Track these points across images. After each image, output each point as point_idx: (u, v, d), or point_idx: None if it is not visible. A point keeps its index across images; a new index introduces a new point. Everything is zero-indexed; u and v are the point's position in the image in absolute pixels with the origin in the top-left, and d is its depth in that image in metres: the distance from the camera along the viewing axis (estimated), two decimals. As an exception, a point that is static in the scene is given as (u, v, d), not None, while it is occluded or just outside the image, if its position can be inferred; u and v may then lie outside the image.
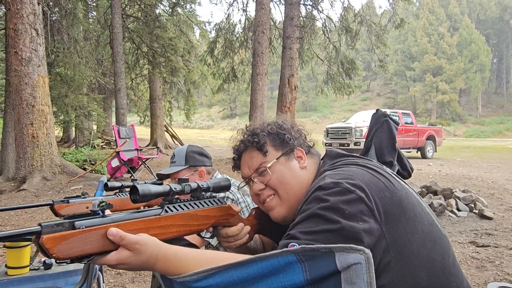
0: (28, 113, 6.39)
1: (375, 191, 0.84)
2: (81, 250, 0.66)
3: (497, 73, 53.94)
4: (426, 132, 14.02)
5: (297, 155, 1.06)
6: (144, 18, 13.83)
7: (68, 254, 0.65)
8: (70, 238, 0.65)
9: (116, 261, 0.71)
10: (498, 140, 30.89)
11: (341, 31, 12.94)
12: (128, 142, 7.59)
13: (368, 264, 0.59)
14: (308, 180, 1.03)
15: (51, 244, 0.63)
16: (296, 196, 1.01)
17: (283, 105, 10.20)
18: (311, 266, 0.62)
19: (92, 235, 0.68)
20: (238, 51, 15.07)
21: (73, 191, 6.00)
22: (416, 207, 0.89)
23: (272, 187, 1.03)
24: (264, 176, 1.04)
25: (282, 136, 1.06)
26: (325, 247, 0.61)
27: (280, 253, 0.64)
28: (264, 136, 1.06)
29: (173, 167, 1.76)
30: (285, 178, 1.02)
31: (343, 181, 0.84)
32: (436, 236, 0.88)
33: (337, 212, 0.79)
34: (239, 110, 52.43)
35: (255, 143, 1.05)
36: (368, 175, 0.90)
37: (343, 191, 0.82)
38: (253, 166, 1.06)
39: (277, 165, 1.03)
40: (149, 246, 0.74)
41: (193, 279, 0.69)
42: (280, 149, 1.05)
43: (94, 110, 13.30)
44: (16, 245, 1.60)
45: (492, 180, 7.94)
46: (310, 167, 1.06)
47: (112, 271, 2.99)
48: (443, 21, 46.92)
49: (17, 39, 6.25)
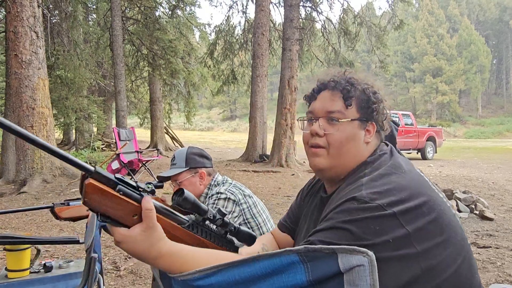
0: (28, 115, 6.39)
1: (414, 206, 0.78)
2: (106, 210, 0.69)
3: (496, 74, 53.99)
4: (426, 133, 14.03)
5: (368, 128, 0.98)
6: (144, 20, 13.85)
7: (95, 206, 0.67)
8: (106, 196, 0.67)
9: (124, 236, 0.71)
10: (498, 141, 30.87)
11: (339, 33, 12.97)
12: (128, 144, 7.60)
13: (372, 266, 0.58)
14: (362, 156, 0.96)
15: (91, 190, 0.65)
16: (344, 162, 0.96)
17: (283, 107, 10.20)
18: (314, 267, 0.61)
19: (122, 204, 0.70)
20: (238, 53, 15.09)
21: (73, 193, 6.00)
22: (452, 220, 0.85)
23: (329, 142, 0.96)
24: (331, 126, 0.96)
25: (371, 104, 0.97)
26: (328, 248, 0.60)
27: (283, 253, 0.63)
28: (357, 90, 0.97)
29: (174, 169, 1.76)
30: (347, 142, 0.95)
31: (380, 196, 0.78)
32: (466, 252, 0.85)
33: (366, 230, 0.74)
34: (239, 112, 52.46)
35: (345, 90, 0.97)
36: (412, 184, 0.84)
37: (376, 208, 0.76)
38: (327, 108, 0.97)
39: (348, 126, 0.96)
40: (160, 236, 0.73)
41: (195, 277, 0.68)
42: (360, 113, 0.97)
43: (94, 113, 13.33)
44: (16, 248, 1.60)
45: (492, 181, 7.94)
46: (371, 145, 0.99)
47: (113, 273, 2.99)
48: (442, 22, 46.98)
49: (17, 42, 6.25)
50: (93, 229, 1.14)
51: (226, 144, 23.34)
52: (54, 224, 4.33)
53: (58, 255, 3.37)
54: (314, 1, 12.80)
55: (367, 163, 0.94)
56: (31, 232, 4.09)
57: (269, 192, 6.54)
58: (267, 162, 10.23)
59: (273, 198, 6.06)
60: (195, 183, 1.75)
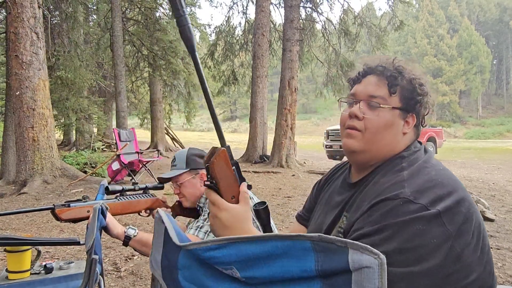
0: (29, 116, 6.40)
1: (454, 204, 0.78)
2: (220, 178, 0.80)
3: (497, 74, 53.97)
4: (426, 134, 14.02)
5: (407, 119, 0.96)
6: (144, 21, 13.87)
7: (215, 169, 0.78)
8: (228, 167, 0.80)
9: (232, 208, 0.80)
10: (499, 141, 30.86)
11: (340, 34, 12.97)
12: (129, 145, 7.60)
13: (382, 270, 0.55)
14: (396, 147, 0.95)
15: (222, 156, 0.79)
16: (378, 148, 0.94)
17: (284, 108, 10.20)
18: (324, 258, 0.59)
19: (233, 180, 0.81)
20: (238, 53, 15.10)
21: (73, 194, 6.00)
22: (482, 223, 0.84)
23: (366, 126, 0.95)
24: (371, 110, 0.95)
25: (416, 95, 0.95)
26: (341, 240, 0.58)
27: (296, 237, 0.61)
28: (404, 79, 0.95)
29: (174, 170, 1.76)
30: (384, 129, 0.94)
31: (423, 195, 0.78)
32: (489, 256, 0.85)
33: (411, 232, 0.74)
34: (240, 112, 52.48)
35: (392, 77, 0.95)
36: (451, 182, 0.84)
37: (422, 208, 0.76)
38: (370, 92, 0.96)
39: (389, 113, 0.94)
40: (250, 217, 0.83)
41: (207, 247, 0.67)
42: (403, 102, 0.95)
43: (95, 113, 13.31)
44: (17, 249, 1.60)
45: (493, 182, 7.93)
46: (407, 138, 0.97)
47: (113, 274, 2.99)
48: (442, 22, 47.00)
49: (18, 43, 6.26)
50: (94, 230, 1.13)
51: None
52: (54, 225, 4.33)
53: (59, 256, 3.37)
54: (314, 2, 12.81)
55: (403, 157, 0.93)
56: (32, 233, 4.08)
57: (269, 193, 6.53)
58: (267, 162, 10.22)
59: (274, 199, 6.05)
60: (195, 185, 1.74)
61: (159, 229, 0.85)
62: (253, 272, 0.65)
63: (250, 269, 0.65)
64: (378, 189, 0.85)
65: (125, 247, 1.86)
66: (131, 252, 3.37)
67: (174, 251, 0.76)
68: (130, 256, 3.35)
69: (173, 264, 0.76)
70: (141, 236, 1.39)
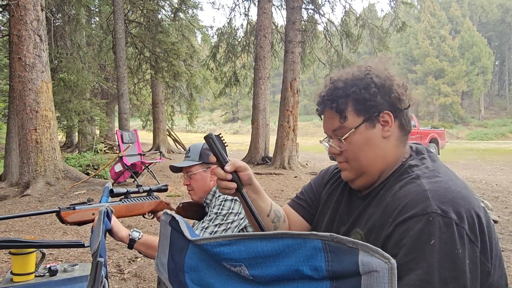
0: (32, 118, 6.42)
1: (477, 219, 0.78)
2: None
3: (499, 75, 53.82)
4: (429, 135, 14.00)
5: (383, 119, 0.93)
6: (147, 23, 13.90)
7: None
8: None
9: None
10: (501, 142, 30.74)
11: (342, 35, 12.97)
12: (131, 147, 7.61)
13: (391, 275, 0.54)
14: (388, 153, 0.94)
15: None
16: (368, 167, 0.94)
17: (286, 109, 10.20)
18: (334, 259, 0.59)
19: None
20: (240, 55, 15.13)
21: (76, 196, 6.01)
22: (494, 229, 0.84)
23: (346, 157, 0.96)
24: (342, 142, 0.96)
25: (369, 97, 0.91)
26: (352, 241, 0.58)
27: (308, 236, 0.61)
28: (347, 97, 0.93)
29: (187, 161, 1.78)
30: (361, 150, 0.94)
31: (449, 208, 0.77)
32: (501, 262, 0.86)
33: (451, 253, 0.74)
34: (241, 114, 52.47)
35: (334, 105, 0.94)
36: (468, 192, 0.83)
37: (450, 223, 0.75)
38: (330, 127, 0.98)
39: (357, 135, 0.93)
40: None
41: (217, 243, 0.68)
42: (362, 114, 0.92)
43: (97, 115, 13.36)
44: (22, 252, 1.60)
45: (496, 183, 7.90)
46: (394, 137, 0.94)
47: (117, 276, 2.99)
48: (444, 23, 46.92)
49: (21, 45, 6.28)
50: (99, 233, 1.14)
51: (229, 146, 23.15)
52: (58, 227, 4.34)
53: (62, 258, 3.37)
54: (316, 4, 12.82)
55: (412, 166, 0.92)
56: (35, 235, 4.09)
57: (271, 195, 6.53)
58: (269, 164, 10.22)
59: (276, 200, 6.05)
60: (206, 178, 1.77)
61: (165, 232, 0.85)
62: (262, 270, 0.65)
63: (259, 266, 0.65)
64: (399, 202, 0.83)
65: (128, 249, 1.86)
66: (135, 254, 3.37)
67: (180, 251, 0.76)
68: (133, 258, 3.36)
69: (180, 267, 0.76)
70: (145, 239, 1.39)
